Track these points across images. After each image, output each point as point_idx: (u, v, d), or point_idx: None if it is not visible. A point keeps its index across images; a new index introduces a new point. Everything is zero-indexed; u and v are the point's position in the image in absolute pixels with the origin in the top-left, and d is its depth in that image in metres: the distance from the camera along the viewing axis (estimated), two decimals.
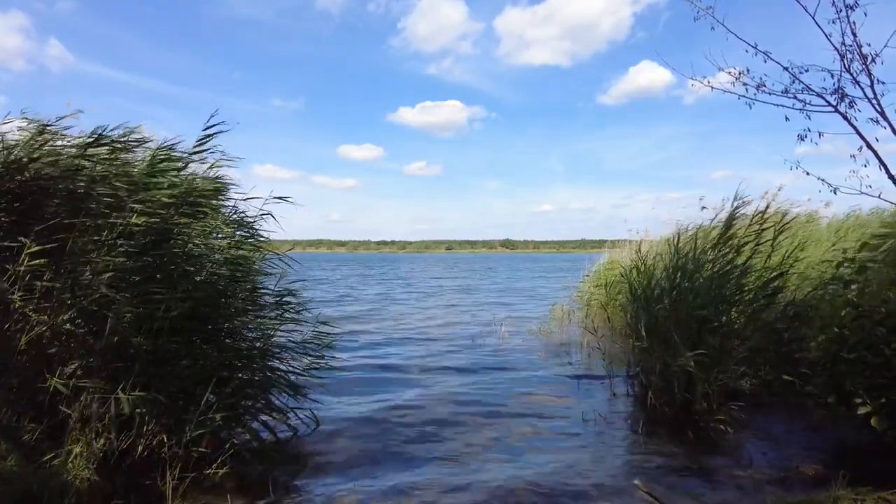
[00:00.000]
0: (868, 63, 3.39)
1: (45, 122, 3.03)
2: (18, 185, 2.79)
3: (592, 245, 56.88)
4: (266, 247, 3.84)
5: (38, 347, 2.66)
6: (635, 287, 4.84)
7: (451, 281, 23.58)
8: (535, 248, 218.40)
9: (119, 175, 3.06)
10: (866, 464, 3.02)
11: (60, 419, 2.61)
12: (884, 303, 3.03)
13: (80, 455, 2.50)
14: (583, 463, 3.30)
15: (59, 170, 2.88)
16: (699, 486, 2.97)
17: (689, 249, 4.59)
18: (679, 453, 3.47)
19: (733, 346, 4.23)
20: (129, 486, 2.59)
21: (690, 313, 4.24)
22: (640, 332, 4.38)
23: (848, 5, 3.36)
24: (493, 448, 3.58)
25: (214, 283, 3.39)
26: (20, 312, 2.63)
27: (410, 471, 3.18)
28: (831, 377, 3.23)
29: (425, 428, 3.95)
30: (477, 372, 5.90)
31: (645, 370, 4.48)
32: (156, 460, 2.78)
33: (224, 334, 3.53)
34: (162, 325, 2.89)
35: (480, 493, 2.87)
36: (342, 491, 2.89)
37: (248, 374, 3.47)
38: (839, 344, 3.18)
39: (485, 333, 8.40)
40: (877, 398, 2.88)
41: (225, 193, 3.71)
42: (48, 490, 2.30)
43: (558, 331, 8.37)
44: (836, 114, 3.52)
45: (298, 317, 3.85)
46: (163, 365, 2.96)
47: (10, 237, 2.72)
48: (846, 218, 7.21)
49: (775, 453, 3.41)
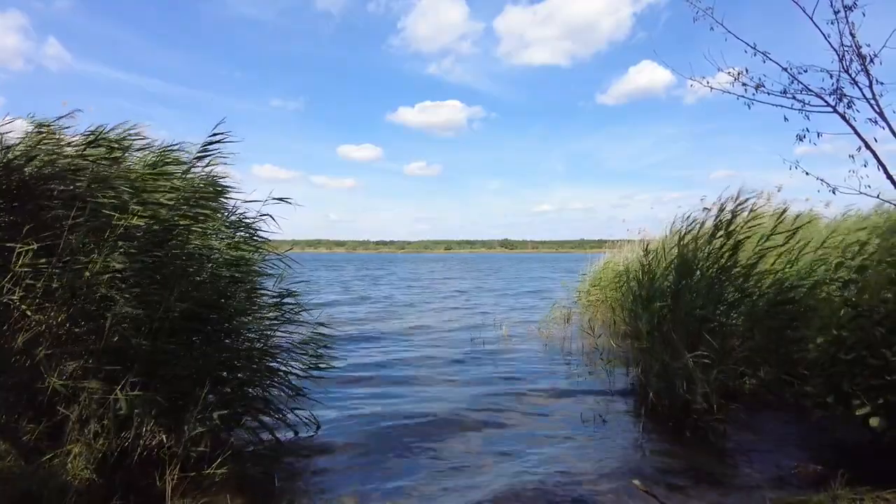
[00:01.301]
0: (866, 63, 3.39)
1: (44, 122, 3.03)
2: (17, 184, 2.79)
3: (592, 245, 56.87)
4: (266, 247, 3.85)
5: (37, 347, 2.66)
6: (636, 286, 4.84)
7: (459, 282, 23.41)
8: (535, 248, 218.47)
9: (119, 176, 3.06)
10: (865, 464, 3.02)
11: (59, 419, 2.61)
12: (882, 303, 3.03)
13: (80, 455, 2.50)
14: (582, 463, 3.30)
15: (58, 169, 2.88)
16: (699, 486, 2.97)
17: (689, 249, 4.60)
18: (679, 453, 3.48)
19: (733, 346, 4.24)
20: (128, 486, 2.59)
21: (690, 313, 4.25)
22: (641, 332, 4.39)
23: (846, 6, 3.36)
24: (492, 448, 3.58)
25: (214, 283, 3.39)
26: (20, 312, 2.63)
27: (410, 471, 3.18)
28: (830, 377, 3.23)
29: (425, 428, 3.95)
30: (477, 372, 5.90)
31: (645, 370, 4.48)
32: (155, 460, 2.77)
33: (223, 334, 3.53)
34: (161, 326, 2.89)
35: (480, 493, 2.87)
36: (342, 491, 2.89)
37: (247, 374, 3.47)
38: (838, 344, 3.19)
39: (486, 333, 8.40)
40: (875, 399, 2.88)
41: (226, 194, 3.71)
42: (48, 490, 2.29)
43: (559, 330, 8.37)
44: (835, 114, 3.52)
45: (298, 318, 3.85)
46: (162, 365, 2.96)
47: (9, 237, 2.72)
48: (844, 218, 7.21)
49: (775, 453, 3.41)
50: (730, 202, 4.73)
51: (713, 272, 4.45)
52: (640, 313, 4.69)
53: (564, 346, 7.27)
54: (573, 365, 6.14)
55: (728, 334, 4.29)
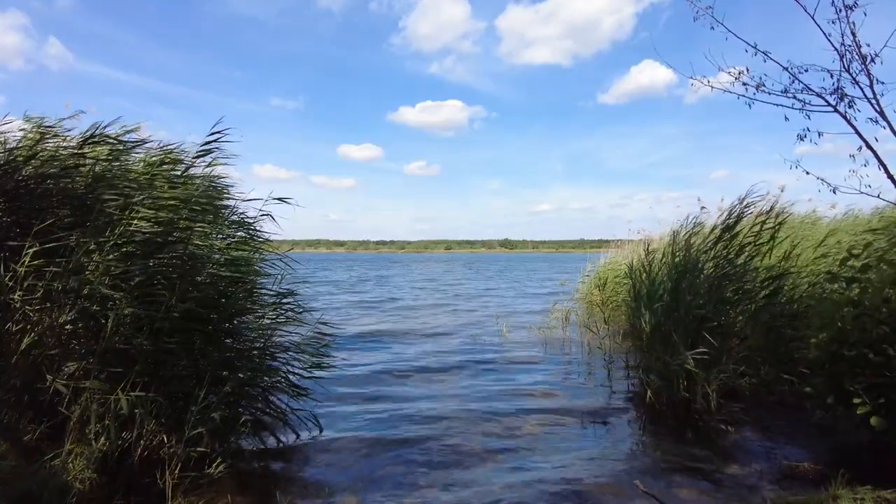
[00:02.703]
0: (867, 63, 3.39)
1: (46, 124, 3.03)
2: (18, 184, 2.79)
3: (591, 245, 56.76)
4: (266, 247, 3.84)
5: (38, 347, 2.65)
6: (638, 286, 4.84)
7: (466, 284, 23.12)
8: (535, 248, 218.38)
9: (120, 176, 3.06)
10: (865, 463, 3.03)
11: (60, 419, 2.61)
12: (885, 302, 3.03)
13: (80, 455, 2.49)
14: (583, 462, 3.30)
15: (58, 168, 2.88)
16: (699, 486, 2.97)
17: (689, 248, 4.60)
18: (679, 453, 3.48)
19: (733, 345, 4.24)
20: (129, 486, 2.59)
21: (690, 312, 4.25)
22: (641, 331, 4.39)
23: (847, 5, 3.36)
24: (492, 448, 3.58)
25: (214, 283, 3.38)
26: (21, 312, 2.63)
27: (411, 471, 3.18)
28: (831, 377, 3.23)
29: (426, 427, 3.95)
30: (478, 372, 5.91)
31: (645, 369, 4.48)
32: (156, 460, 2.77)
33: (224, 334, 3.52)
34: (162, 326, 2.88)
35: (480, 493, 2.87)
36: (343, 491, 2.89)
37: (247, 374, 3.46)
38: (839, 343, 3.18)
39: (487, 332, 8.41)
40: (876, 398, 2.88)
41: (227, 194, 3.71)
42: (48, 490, 2.29)
43: (559, 330, 8.38)
44: (836, 114, 3.52)
45: (299, 317, 3.85)
46: (162, 365, 2.95)
47: (10, 237, 2.71)
48: (845, 217, 7.20)
49: (775, 453, 3.41)
50: (737, 206, 4.74)
51: (715, 271, 4.45)
52: (641, 312, 4.69)
53: (565, 345, 7.27)
54: (574, 365, 6.14)
55: (728, 334, 4.29)
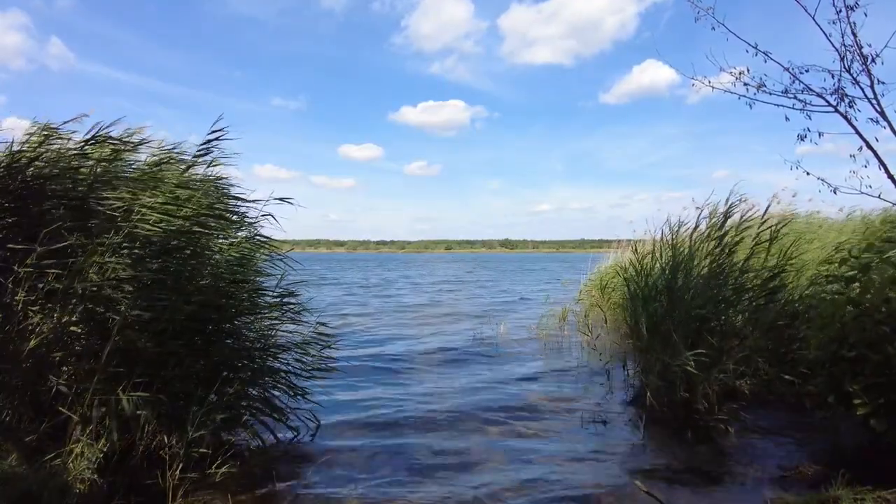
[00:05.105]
0: (868, 63, 3.39)
1: (50, 126, 3.04)
2: (21, 186, 2.79)
3: (592, 245, 56.63)
4: (267, 247, 3.85)
5: (40, 348, 2.66)
6: (633, 286, 4.84)
7: (478, 286, 22.66)
8: (535, 248, 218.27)
9: (124, 178, 3.06)
10: (865, 463, 3.03)
11: (62, 419, 2.61)
12: (885, 302, 3.03)
13: (81, 455, 2.50)
14: (582, 463, 3.30)
15: (60, 170, 2.88)
16: (699, 486, 2.98)
17: (685, 247, 4.60)
18: (679, 453, 3.48)
19: (733, 345, 4.24)
20: (129, 486, 2.60)
21: (689, 313, 4.25)
22: (640, 332, 4.39)
23: (848, 6, 3.36)
24: (492, 448, 3.58)
25: (217, 284, 3.39)
26: (23, 314, 2.63)
27: (412, 471, 3.18)
28: (831, 377, 3.23)
29: (426, 427, 3.95)
30: (477, 372, 5.90)
31: (644, 370, 4.48)
32: (157, 460, 2.78)
33: (225, 335, 3.52)
34: (165, 328, 2.88)
35: (480, 493, 2.87)
36: (344, 491, 2.89)
37: (248, 374, 3.47)
38: (839, 343, 3.18)
39: (487, 333, 8.41)
40: (876, 398, 2.88)
41: (230, 194, 3.73)
42: (48, 490, 2.29)
43: (558, 330, 8.38)
44: (836, 114, 3.52)
45: (300, 318, 3.85)
46: (164, 366, 2.95)
47: (14, 239, 2.72)
48: (847, 219, 7.19)
49: (775, 453, 3.41)
50: (736, 210, 4.76)
51: (712, 270, 4.45)
52: (639, 312, 4.69)
53: (564, 346, 7.27)
54: (573, 364, 6.14)
55: (728, 334, 4.30)
